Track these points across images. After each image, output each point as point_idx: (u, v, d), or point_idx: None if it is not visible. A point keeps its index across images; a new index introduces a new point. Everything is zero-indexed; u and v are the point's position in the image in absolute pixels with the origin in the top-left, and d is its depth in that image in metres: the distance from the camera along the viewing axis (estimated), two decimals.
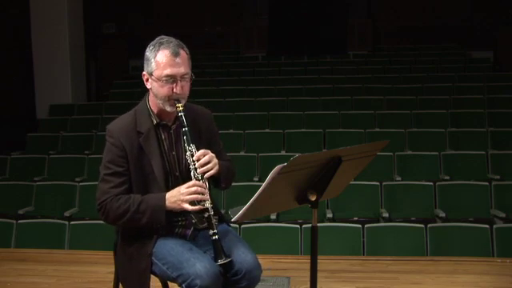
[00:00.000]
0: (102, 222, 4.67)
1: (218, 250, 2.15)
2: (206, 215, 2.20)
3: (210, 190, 2.27)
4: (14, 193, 5.73)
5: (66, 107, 8.92)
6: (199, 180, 2.21)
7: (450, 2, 11.86)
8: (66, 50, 9.18)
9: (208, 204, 2.20)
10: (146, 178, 2.27)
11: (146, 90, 2.36)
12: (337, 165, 2.05)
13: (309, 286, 2.19)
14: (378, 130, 7.12)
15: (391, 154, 6.03)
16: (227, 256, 2.15)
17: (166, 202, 2.20)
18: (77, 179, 6.05)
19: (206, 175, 2.22)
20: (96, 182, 5.81)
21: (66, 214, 5.22)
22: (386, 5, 12.32)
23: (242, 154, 6.58)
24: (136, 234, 2.28)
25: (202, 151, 2.23)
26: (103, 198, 2.23)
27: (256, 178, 5.84)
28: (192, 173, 2.22)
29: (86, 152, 6.98)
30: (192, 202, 2.19)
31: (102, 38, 12.52)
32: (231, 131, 7.27)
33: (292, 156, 1.90)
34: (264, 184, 1.94)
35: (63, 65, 9.19)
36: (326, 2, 11.93)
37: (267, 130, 7.36)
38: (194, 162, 2.22)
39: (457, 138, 6.73)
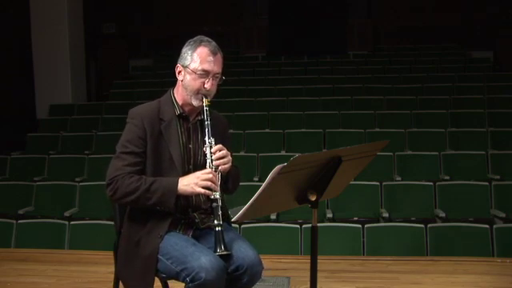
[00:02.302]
0: (102, 222, 4.70)
1: (218, 240, 2.17)
2: (214, 205, 2.23)
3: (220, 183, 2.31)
4: (14, 193, 5.73)
5: (66, 107, 8.92)
6: (214, 171, 2.26)
7: (450, 1, 11.86)
8: (66, 50, 9.18)
9: (218, 195, 2.23)
10: (162, 165, 2.31)
11: (175, 82, 2.43)
12: (337, 165, 2.05)
13: (309, 286, 2.19)
14: (377, 130, 7.12)
15: (391, 154, 6.03)
16: (226, 248, 2.16)
17: (179, 185, 2.22)
18: (77, 179, 6.05)
19: (220, 168, 2.28)
20: (96, 182, 5.85)
21: (66, 214, 5.22)
22: (385, 5, 12.33)
23: (242, 154, 6.57)
24: (146, 220, 2.28)
25: (219, 146, 2.31)
26: (116, 174, 2.24)
27: (256, 178, 5.84)
28: (208, 163, 2.28)
29: (86, 152, 6.98)
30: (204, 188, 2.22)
31: (102, 38, 12.53)
32: (231, 131, 7.25)
33: (292, 156, 1.90)
34: (264, 184, 1.94)
35: (63, 65, 9.19)
36: (325, 1, 11.93)
37: (267, 130, 7.36)
38: (211, 153, 2.29)
39: (457, 138, 6.73)
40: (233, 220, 2.11)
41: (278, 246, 4.19)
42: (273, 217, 4.87)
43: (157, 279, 2.35)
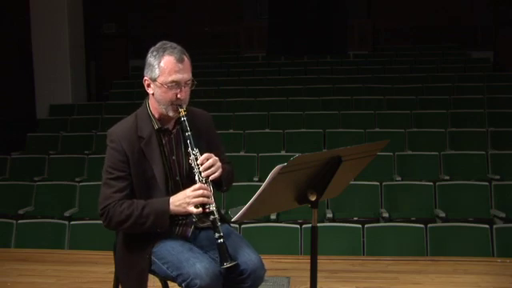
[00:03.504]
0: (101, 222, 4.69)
1: (223, 253, 2.15)
2: (212, 218, 2.19)
3: (213, 193, 2.27)
4: (13, 193, 5.73)
5: (66, 107, 8.93)
6: (204, 183, 2.22)
7: (450, 2, 11.86)
8: (66, 50, 9.18)
9: (213, 207, 2.20)
10: (147, 183, 2.27)
11: (146, 95, 2.36)
12: (337, 165, 2.05)
13: (309, 286, 2.19)
14: (378, 130, 7.12)
15: (391, 153, 6.03)
16: (233, 259, 2.14)
17: (171, 206, 2.19)
18: (77, 179, 6.05)
19: (211, 178, 2.23)
20: (96, 182, 5.86)
21: (66, 214, 5.22)
22: (386, 5, 12.32)
23: (242, 154, 6.58)
24: (136, 235, 2.28)
25: (205, 155, 2.25)
26: (106, 203, 2.22)
27: (256, 178, 5.84)
28: (196, 176, 2.23)
29: (86, 152, 6.98)
30: (197, 205, 2.19)
31: (101, 38, 12.53)
32: (231, 131, 7.27)
33: (292, 156, 1.90)
34: (264, 184, 1.94)
35: (63, 65, 9.19)
36: (326, 2, 11.93)
37: (267, 130, 7.36)
38: (198, 165, 2.23)
39: (457, 138, 6.73)
40: (233, 220, 2.11)
41: (278, 245, 4.19)
42: (273, 217, 4.86)
43: (157, 279, 2.36)
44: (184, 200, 2.18)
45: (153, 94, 2.29)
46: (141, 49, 12.81)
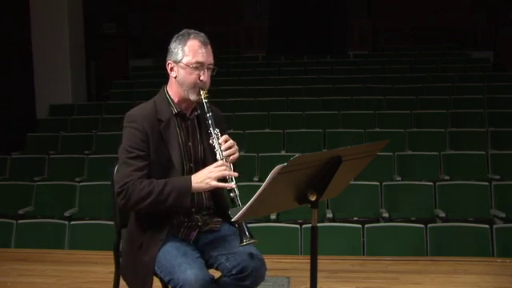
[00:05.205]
0: (102, 222, 4.70)
1: (242, 230, 2.14)
2: (232, 195, 2.19)
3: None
4: (13, 193, 5.73)
5: (66, 107, 8.93)
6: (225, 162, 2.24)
7: (450, 1, 11.86)
8: (66, 50, 9.19)
9: (234, 184, 2.20)
10: (164, 166, 2.28)
11: (166, 81, 2.40)
12: (337, 165, 2.04)
13: (309, 286, 2.19)
14: (378, 130, 7.12)
15: (391, 153, 6.03)
16: (252, 236, 2.13)
17: (193, 183, 2.20)
18: (77, 179, 6.05)
19: (231, 158, 2.27)
20: (96, 182, 5.83)
21: (66, 214, 5.22)
22: (386, 5, 12.32)
23: (242, 154, 6.54)
24: (142, 236, 2.27)
25: (225, 136, 2.29)
26: (126, 181, 2.19)
27: (256, 178, 5.84)
28: (218, 155, 2.25)
29: (86, 152, 6.98)
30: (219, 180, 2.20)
31: (101, 38, 12.53)
32: (231, 131, 7.25)
33: (292, 156, 1.90)
34: (264, 184, 1.94)
35: (63, 65, 9.19)
36: (326, 2, 11.93)
37: (267, 130, 7.37)
38: (219, 144, 2.26)
39: (457, 138, 6.73)
40: (232, 220, 2.11)
41: (278, 245, 4.19)
42: (273, 217, 4.87)
43: (157, 279, 2.35)
44: (207, 175, 2.20)
45: (175, 78, 2.34)
46: (141, 49, 12.84)
